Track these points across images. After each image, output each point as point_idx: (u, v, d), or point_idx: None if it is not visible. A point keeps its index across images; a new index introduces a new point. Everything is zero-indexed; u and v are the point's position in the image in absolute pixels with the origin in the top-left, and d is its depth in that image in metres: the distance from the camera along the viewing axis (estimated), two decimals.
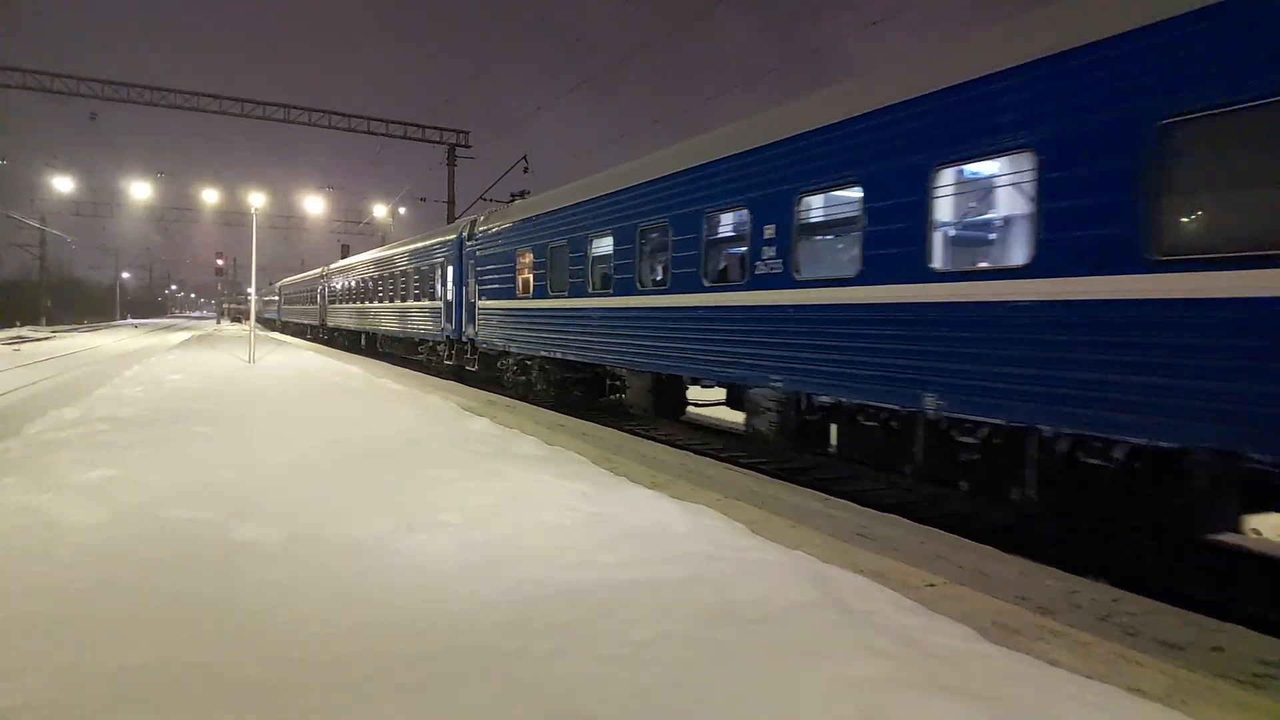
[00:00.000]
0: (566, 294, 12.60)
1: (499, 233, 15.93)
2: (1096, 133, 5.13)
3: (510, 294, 15.13)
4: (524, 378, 15.11)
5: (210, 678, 3.09)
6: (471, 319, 17.44)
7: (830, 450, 7.97)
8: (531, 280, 14.14)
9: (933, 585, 4.58)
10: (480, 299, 16.86)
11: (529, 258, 14.24)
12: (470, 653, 3.35)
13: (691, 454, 9.52)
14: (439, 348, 20.54)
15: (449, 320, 19.16)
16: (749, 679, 3.13)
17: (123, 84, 32.89)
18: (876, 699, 2.94)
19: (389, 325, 25.29)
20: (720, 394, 10.42)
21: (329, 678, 3.12)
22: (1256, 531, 6.47)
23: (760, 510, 6.28)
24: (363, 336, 30.41)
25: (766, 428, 8.60)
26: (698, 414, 12.73)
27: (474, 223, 17.92)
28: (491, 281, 16.29)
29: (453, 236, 19.15)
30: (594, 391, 13.64)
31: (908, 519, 6.39)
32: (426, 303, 21.02)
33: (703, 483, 7.38)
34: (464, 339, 18.14)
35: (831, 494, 7.37)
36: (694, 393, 11.27)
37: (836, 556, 4.97)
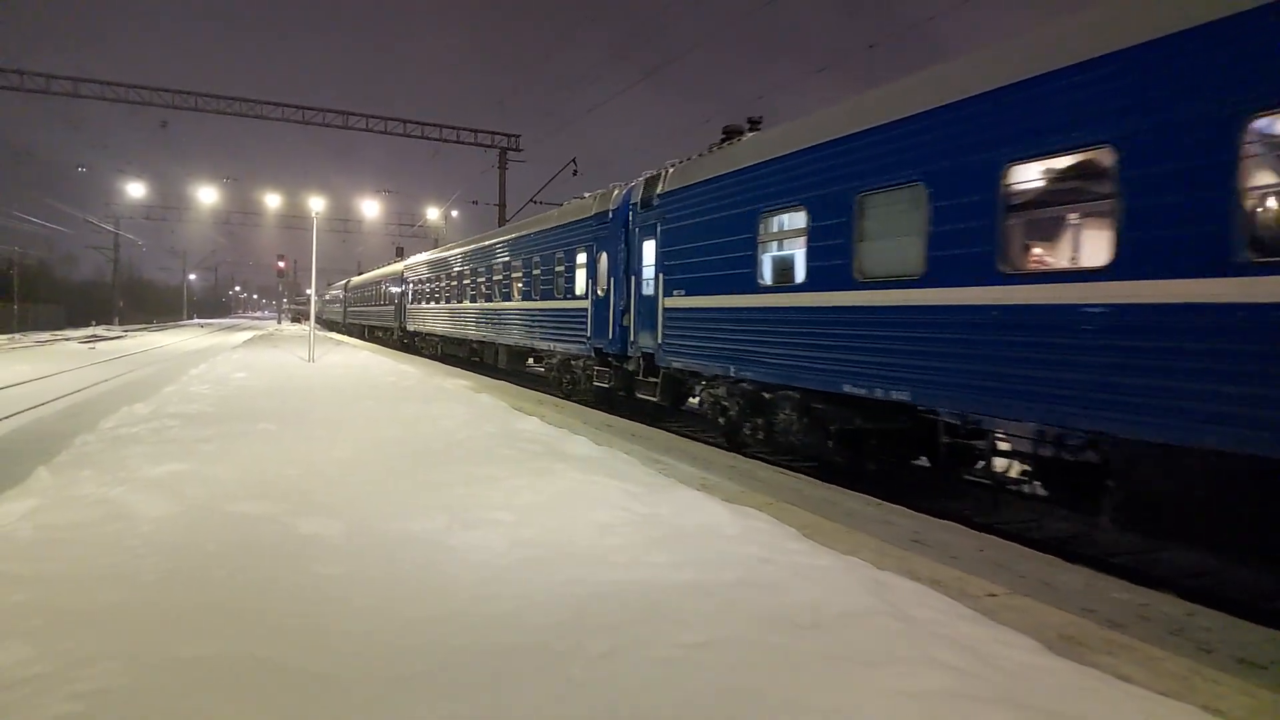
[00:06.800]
0: None
1: None
2: None
3: None
4: None
5: (274, 668, 3.17)
6: None
7: None
8: None
9: (994, 595, 4.44)
10: None
11: None
12: (523, 650, 3.36)
13: (741, 455, 9.45)
14: None
15: None
16: (805, 686, 3.07)
17: (191, 93, 34.36)
18: (941, 711, 2.86)
19: None
20: None
21: (387, 671, 3.17)
22: None
23: (812, 514, 6.18)
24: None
25: None
26: None
27: None
28: None
29: None
30: None
31: (965, 525, 6.22)
32: None
33: (753, 485, 7.31)
34: None
35: (885, 499, 7.22)
36: None
37: (892, 563, 4.86)
